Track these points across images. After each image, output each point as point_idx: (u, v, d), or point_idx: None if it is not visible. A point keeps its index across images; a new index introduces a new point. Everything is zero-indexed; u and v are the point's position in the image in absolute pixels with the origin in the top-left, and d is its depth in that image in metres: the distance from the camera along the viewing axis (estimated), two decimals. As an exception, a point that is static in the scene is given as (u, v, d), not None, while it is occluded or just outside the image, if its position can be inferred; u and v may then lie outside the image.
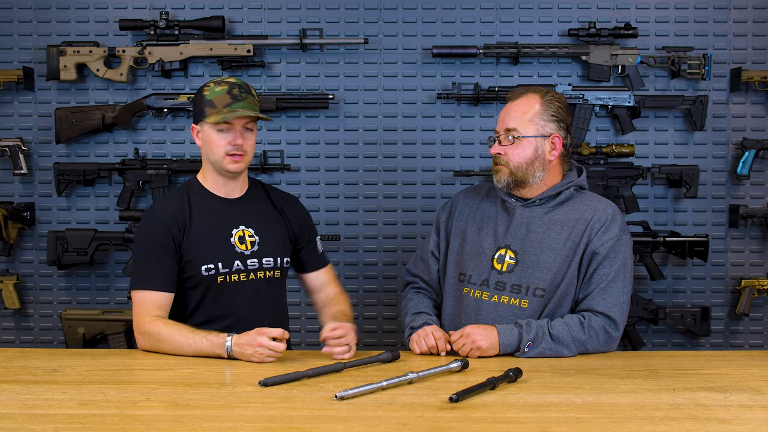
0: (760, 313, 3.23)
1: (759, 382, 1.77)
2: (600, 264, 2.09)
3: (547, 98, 2.16)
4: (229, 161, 2.11)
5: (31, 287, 3.25)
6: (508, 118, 2.16)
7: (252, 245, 2.18)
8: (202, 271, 2.11)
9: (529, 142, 2.13)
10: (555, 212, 2.16)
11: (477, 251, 2.19)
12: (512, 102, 2.18)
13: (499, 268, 2.15)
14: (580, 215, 2.14)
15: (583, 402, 1.59)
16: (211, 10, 3.17)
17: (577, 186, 2.20)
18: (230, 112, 2.07)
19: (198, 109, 2.12)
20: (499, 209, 2.22)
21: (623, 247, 2.11)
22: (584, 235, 2.11)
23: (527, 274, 2.12)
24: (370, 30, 3.18)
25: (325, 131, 3.21)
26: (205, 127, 2.11)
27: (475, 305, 2.16)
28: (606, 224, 2.11)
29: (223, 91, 2.09)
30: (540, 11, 3.18)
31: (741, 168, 3.13)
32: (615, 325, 2.07)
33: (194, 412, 1.51)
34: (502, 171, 2.16)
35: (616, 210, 2.17)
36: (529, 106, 2.15)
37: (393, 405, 1.56)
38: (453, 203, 2.33)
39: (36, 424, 1.44)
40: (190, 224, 2.12)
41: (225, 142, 2.09)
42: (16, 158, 3.13)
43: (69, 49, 3.09)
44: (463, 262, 2.21)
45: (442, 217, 2.33)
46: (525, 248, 2.14)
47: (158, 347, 2.03)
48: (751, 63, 3.16)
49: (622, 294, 2.09)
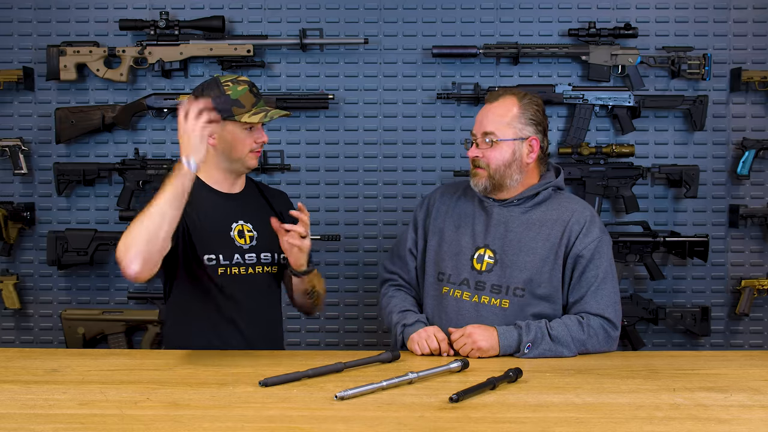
0: (760, 313, 3.23)
1: (759, 382, 1.76)
2: (586, 267, 2.10)
3: (525, 101, 2.16)
4: (252, 157, 2.16)
5: (31, 287, 3.25)
6: (486, 121, 2.15)
7: (251, 240, 2.19)
8: (204, 260, 2.11)
9: (507, 145, 2.13)
10: (533, 212, 2.17)
11: (455, 250, 2.19)
12: (490, 104, 2.18)
13: (478, 268, 2.15)
14: (558, 216, 2.15)
15: (583, 402, 1.59)
16: (211, 10, 3.17)
17: (554, 186, 2.20)
18: (264, 110, 2.14)
19: (218, 108, 2.08)
20: (476, 208, 2.22)
21: (606, 248, 2.14)
22: (564, 237, 2.12)
23: (507, 274, 2.12)
24: (370, 30, 3.18)
25: (325, 131, 3.21)
26: (230, 127, 2.11)
27: (456, 305, 2.16)
28: (586, 226, 2.12)
29: (245, 90, 2.13)
30: (540, 11, 3.18)
31: (741, 168, 3.13)
32: (612, 324, 2.08)
33: (194, 412, 1.51)
34: (480, 174, 2.16)
35: (592, 211, 2.20)
36: (506, 109, 2.15)
37: (393, 405, 1.56)
38: (430, 201, 2.32)
39: (36, 424, 1.44)
40: (192, 215, 2.11)
41: (251, 140, 2.14)
42: (16, 158, 3.13)
43: (69, 49, 3.09)
44: (441, 261, 2.21)
45: (419, 214, 2.32)
46: (504, 248, 2.14)
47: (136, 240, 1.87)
48: (751, 63, 3.16)
49: (613, 294, 2.11)
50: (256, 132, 2.15)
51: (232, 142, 2.13)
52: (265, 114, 2.14)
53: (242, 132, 2.13)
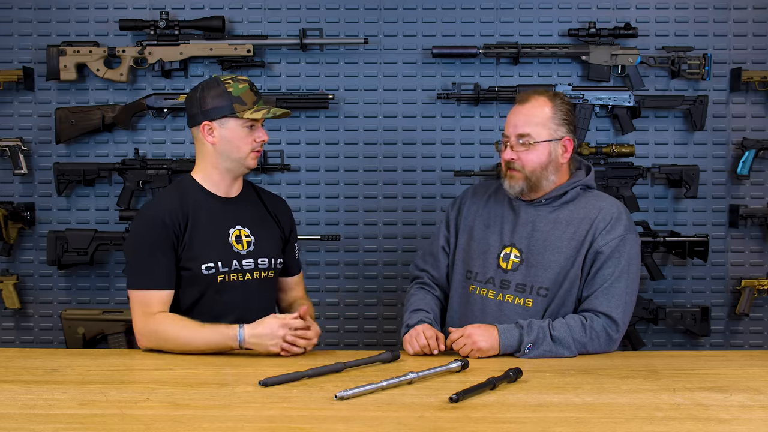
0: (760, 313, 3.23)
1: (759, 382, 1.77)
2: (604, 264, 2.09)
3: (557, 101, 2.16)
4: (252, 157, 2.15)
5: (31, 287, 3.24)
6: (520, 123, 2.13)
7: (248, 245, 2.18)
8: (202, 270, 2.11)
9: (544, 147, 2.13)
10: (560, 211, 2.16)
11: (483, 248, 2.20)
12: (521, 106, 2.16)
13: (504, 267, 2.16)
14: (585, 214, 2.14)
15: (583, 402, 1.59)
16: (211, 10, 3.17)
17: (583, 185, 2.20)
18: (266, 107, 2.14)
19: (219, 105, 2.09)
20: (506, 207, 2.23)
21: (628, 247, 2.11)
22: (588, 234, 2.11)
23: (532, 273, 2.12)
24: (370, 30, 3.18)
25: (325, 131, 3.21)
26: (231, 124, 2.11)
27: (481, 303, 2.17)
28: (611, 223, 2.11)
29: (246, 88, 2.13)
30: (540, 11, 3.18)
31: (741, 168, 3.13)
32: (616, 326, 2.07)
33: (194, 412, 1.51)
34: (516, 177, 2.15)
35: (622, 209, 2.17)
36: (539, 109, 2.14)
37: (393, 405, 1.56)
38: (462, 200, 2.34)
39: (36, 424, 1.44)
40: (189, 222, 2.11)
41: (251, 138, 2.13)
42: (16, 158, 3.13)
43: (69, 49, 3.09)
44: (470, 260, 2.22)
45: (451, 213, 2.34)
46: (530, 247, 2.14)
47: (163, 345, 2.02)
48: (751, 63, 3.16)
49: (625, 294, 2.08)
50: (256, 131, 2.14)
51: (233, 140, 2.12)
52: (268, 110, 2.14)
53: (243, 130, 2.12)
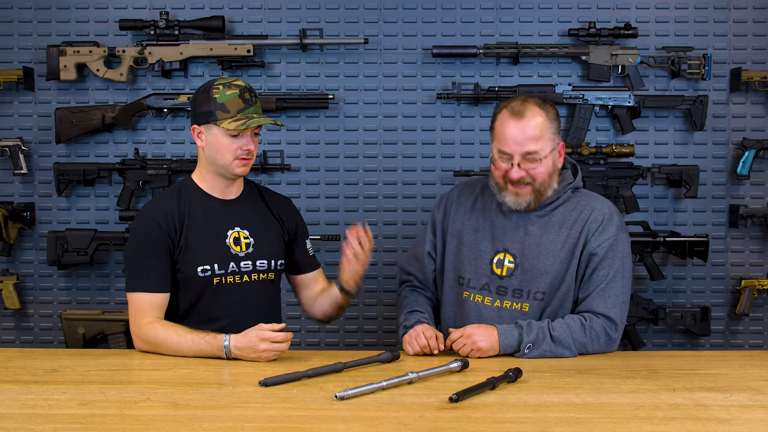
0: (760, 313, 3.23)
1: (759, 382, 1.77)
2: (598, 265, 2.09)
3: (547, 108, 2.12)
4: (237, 165, 2.11)
5: (31, 287, 3.24)
6: (526, 141, 2.07)
7: (246, 247, 2.17)
8: (198, 272, 2.11)
9: (549, 158, 2.11)
10: (552, 214, 2.16)
11: (474, 254, 2.19)
12: (518, 121, 2.08)
13: (499, 273, 2.15)
14: (577, 216, 2.14)
15: (583, 402, 1.59)
16: (211, 10, 3.16)
17: (573, 188, 2.19)
18: (246, 118, 2.07)
19: (205, 111, 2.08)
20: (494, 211, 2.20)
21: (621, 246, 2.11)
22: (581, 236, 2.11)
23: (527, 278, 2.12)
24: (370, 30, 3.18)
25: (325, 131, 3.20)
26: (214, 131, 2.08)
27: (477, 310, 2.16)
28: (602, 224, 2.11)
29: (234, 95, 2.07)
30: (540, 11, 3.18)
31: (741, 168, 3.12)
32: (615, 326, 2.07)
33: (194, 412, 1.51)
34: (524, 192, 2.10)
35: (612, 208, 2.17)
36: (538, 122, 2.08)
37: (393, 405, 1.56)
38: (448, 201, 2.31)
39: (36, 424, 1.44)
40: (185, 224, 2.11)
41: (236, 146, 2.08)
42: (16, 158, 3.13)
43: (69, 49, 3.09)
44: (461, 265, 2.21)
45: (437, 215, 2.31)
46: (524, 252, 2.13)
47: (156, 350, 2.04)
48: (751, 63, 3.16)
49: (621, 294, 2.09)
50: (242, 138, 2.08)
51: (216, 146, 2.09)
52: (245, 122, 2.06)
53: (225, 138, 2.08)
